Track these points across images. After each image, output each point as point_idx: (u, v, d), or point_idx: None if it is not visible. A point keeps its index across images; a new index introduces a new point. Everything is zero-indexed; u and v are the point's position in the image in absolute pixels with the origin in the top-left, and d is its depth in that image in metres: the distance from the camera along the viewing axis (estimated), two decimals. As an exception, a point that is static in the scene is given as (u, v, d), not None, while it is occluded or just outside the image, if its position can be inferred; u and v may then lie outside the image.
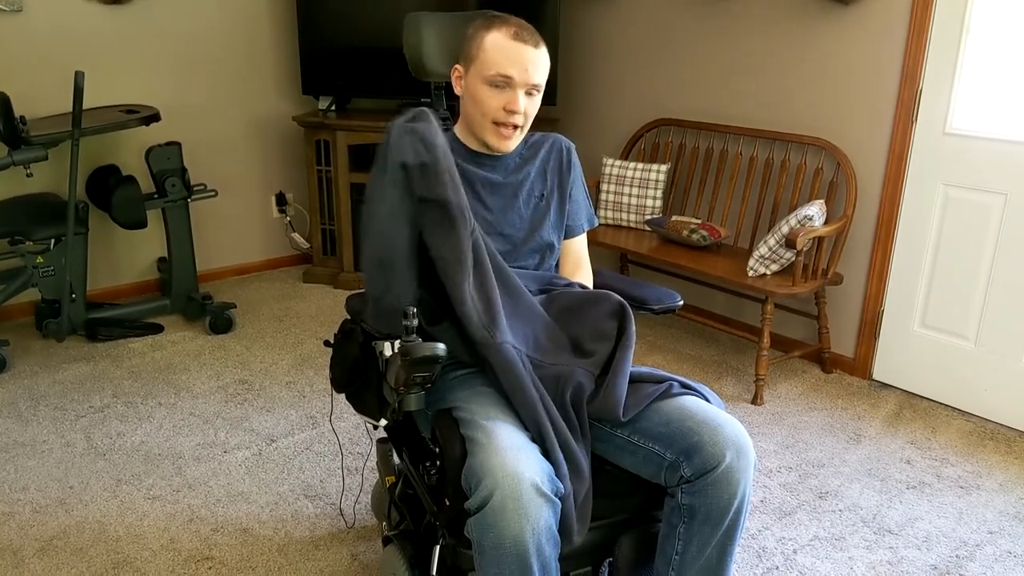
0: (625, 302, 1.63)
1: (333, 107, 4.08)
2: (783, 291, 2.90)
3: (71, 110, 2.96)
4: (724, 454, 1.41)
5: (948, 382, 2.97)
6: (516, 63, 1.60)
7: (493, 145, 1.68)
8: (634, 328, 1.59)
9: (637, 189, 3.52)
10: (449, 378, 1.60)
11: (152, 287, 3.92)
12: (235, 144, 4.10)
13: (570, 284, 1.77)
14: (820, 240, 2.95)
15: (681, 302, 1.88)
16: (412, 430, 1.68)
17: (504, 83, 1.60)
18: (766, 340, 2.96)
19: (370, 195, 1.52)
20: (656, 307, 1.84)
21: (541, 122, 3.97)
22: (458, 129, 1.75)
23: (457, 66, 1.69)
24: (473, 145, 1.71)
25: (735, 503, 1.43)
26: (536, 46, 1.62)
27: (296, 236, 4.40)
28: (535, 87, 1.63)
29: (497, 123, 1.64)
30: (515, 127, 1.65)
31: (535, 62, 1.62)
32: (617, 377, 1.50)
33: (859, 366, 3.20)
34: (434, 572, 1.54)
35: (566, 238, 1.85)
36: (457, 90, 1.70)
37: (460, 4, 3.95)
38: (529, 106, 1.64)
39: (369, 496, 2.32)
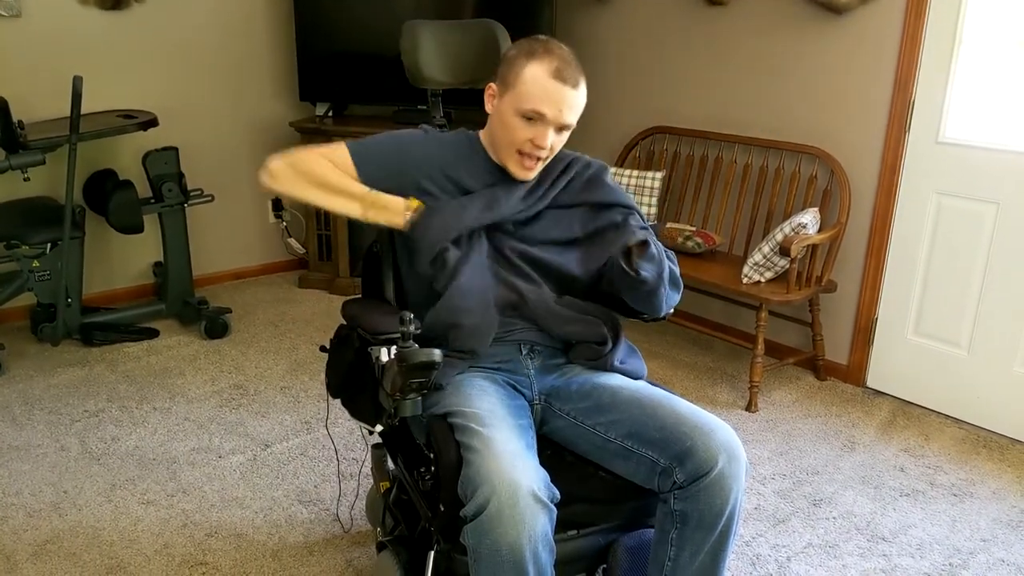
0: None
1: (330, 113, 4.09)
2: (777, 298, 2.91)
3: (69, 115, 2.97)
4: (716, 459, 1.42)
5: (941, 390, 2.98)
6: (552, 102, 1.57)
7: (513, 173, 1.68)
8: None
9: (632, 196, 3.52)
10: (444, 383, 1.60)
11: (148, 291, 3.92)
12: (232, 149, 4.11)
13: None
14: (814, 248, 2.96)
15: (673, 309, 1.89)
16: (407, 435, 1.68)
17: (537, 118, 1.58)
18: (760, 347, 2.97)
19: None
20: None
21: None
22: (484, 138, 1.73)
23: (492, 84, 1.66)
24: (495, 158, 1.71)
25: (727, 509, 1.43)
26: (575, 86, 1.59)
27: (292, 241, 4.40)
28: (567, 126, 1.62)
29: (522, 153, 1.63)
30: (538, 159, 1.65)
31: (571, 103, 1.59)
32: None
33: (853, 373, 3.21)
34: (428, 577, 1.54)
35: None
36: (488, 107, 1.68)
37: (457, 12, 3.96)
38: (556, 142, 1.64)
39: (364, 501, 2.32)
